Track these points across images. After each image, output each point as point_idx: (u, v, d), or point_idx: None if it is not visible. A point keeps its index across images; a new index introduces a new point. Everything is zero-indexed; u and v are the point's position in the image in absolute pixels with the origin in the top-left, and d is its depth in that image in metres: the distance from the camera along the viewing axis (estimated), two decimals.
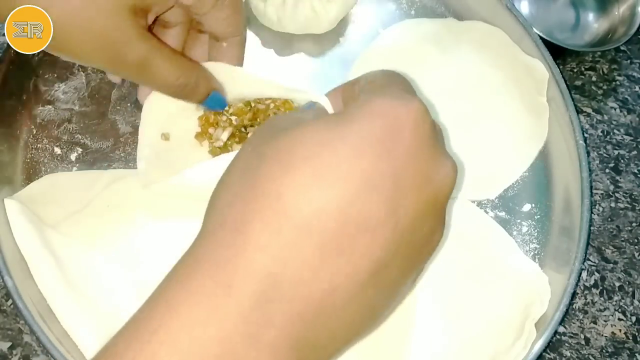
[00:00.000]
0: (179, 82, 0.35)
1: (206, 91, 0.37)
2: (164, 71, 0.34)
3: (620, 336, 0.44)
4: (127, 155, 0.42)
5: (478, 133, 0.45)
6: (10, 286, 0.35)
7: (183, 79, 0.35)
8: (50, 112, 0.43)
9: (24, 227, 0.38)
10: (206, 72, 0.37)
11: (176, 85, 0.35)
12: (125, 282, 0.38)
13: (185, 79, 0.35)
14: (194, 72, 0.36)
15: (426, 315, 0.40)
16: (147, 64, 0.33)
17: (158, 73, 0.34)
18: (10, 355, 0.39)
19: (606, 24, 0.52)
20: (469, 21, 0.48)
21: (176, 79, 0.35)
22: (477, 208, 0.44)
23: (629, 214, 0.48)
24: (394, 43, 0.47)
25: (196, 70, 0.36)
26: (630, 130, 0.51)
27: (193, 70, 0.36)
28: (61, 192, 0.40)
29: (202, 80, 0.36)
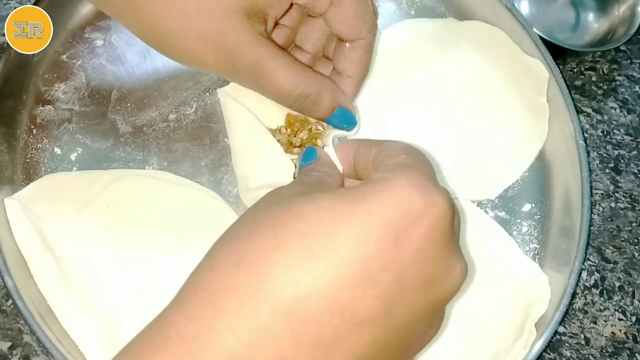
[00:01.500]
0: (298, 93, 0.32)
1: (330, 106, 0.34)
2: (280, 79, 0.31)
3: (620, 336, 0.44)
4: (127, 155, 0.42)
5: (478, 133, 0.45)
6: (10, 286, 0.35)
7: (302, 89, 0.32)
8: (50, 112, 0.43)
9: (24, 227, 0.38)
10: (332, 85, 0.34)
11: (295, 95, 0.32)
12: (125, 282, 0.38)
13: (305, 89, 0.32)
14: (316, 83, 0.33)
15: None
16: (261, 69, 0.31)
17: (273, 79, 0.31)
18: (10, 355, 0.39)
19: (606, 24, 0.52)
20: (469, 21, 0.48)
21: (295, 88, 0.32)
22: (477, 208, 0.44)
23: (629, 214, 0.48)
24: (394, 43, 0.47)
25: (319, 80, 0.33)
26: (630, 130, 0.51)
27: (316, 81, 0.33)
28: (61, 192, 0.40)
29: (325, 93, 0.33)
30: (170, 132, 0.43)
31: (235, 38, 0.30)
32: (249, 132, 0.36)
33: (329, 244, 0.21)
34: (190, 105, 0.44)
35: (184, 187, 0.41)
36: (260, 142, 0.36)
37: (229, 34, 0.30)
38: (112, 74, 0.44)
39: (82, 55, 0.44)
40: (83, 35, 0.44)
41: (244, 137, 0.37)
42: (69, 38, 0.44)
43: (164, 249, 0.39)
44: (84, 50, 0.44)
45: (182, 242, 0.39)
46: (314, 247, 0.21)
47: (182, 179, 0.42)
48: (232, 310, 0.20)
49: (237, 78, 0.33)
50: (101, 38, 0.44)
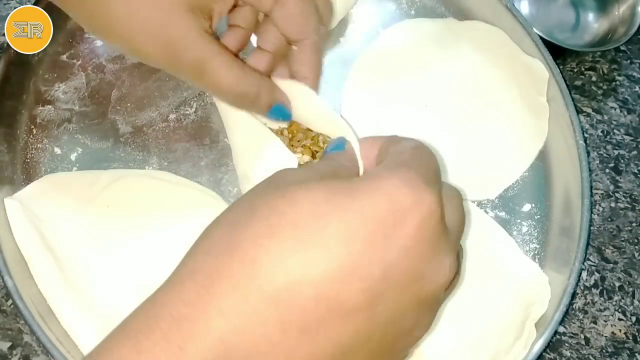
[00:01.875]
0: (239, 90, 0.33)
1: (268, 102, 0.34)
2: (222, 76, 0.32)
3: (620, 336, 0.44)
4: (127, 155, 0.42)
5: (478, 133, 0.45)
6: (10, 286, 0.35)
7: (243, 87, 0.33)
8: (50, 112, 0.43)
9: (24, 227, 0.38)
10: (269, 83, 0.35)
11: (235, 92, 0.33)
12: (125, 282, 0.38)
13: (245, 87, 0.33)
14: (255, 82, 0.33)
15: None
16: (204, 66, 0.31)
17: (215, 77, 0.32)
18: (10, 355, 0.39)
19: (606, 24, 0.52)
20: (469, 21, 0.48)
21: (235, 86, 0.32)
22: (477, 208, 0.44)
23: (629, 214, 0.48)
24: (394, 43, 0.47)
25: (258, 79, 0.34)
26: (630, 130, 0.51)
27: (255, 79, 0.34)
28: (61, 192, 0.40)
29: (264, 90, 0.34)
30: (170, 132, 0.43)
31: (179, 32, 0.31)
32: (247, 129, 0.36)
33: (319, 237, 0.21)
34: (190, 105, 0.44)
35: (184, 187, 0.41)
36: (260, 138, 0.36)
37: (173, 27, 0.31)
38: (112, 74, 0.44)
39: (82, 55, 0.44)
40: (83, 35, 0.44)
41: (242, 135, 0.37)
42: (69, 38, 0.44)
43: (163, 248, 0.39)
44: (84, 50, 0.44)
45: (181, 242, 0.39)
46: (305, 239, 0.21)
47: (182, 179, 0.42)
48: (225, 295, 0.21)
49: (179, 72, 0.33)
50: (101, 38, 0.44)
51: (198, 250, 0.23)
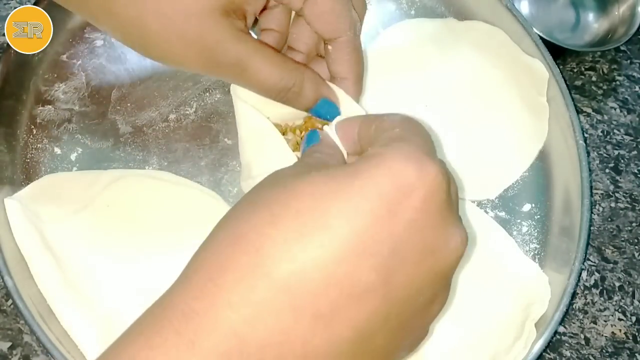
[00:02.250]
0: (281, 85, 0.32)
1: (313, 97, 0.33)
2: (263, 73, 0.32)
3: (620, 336, 0.44)
4: (127, 155, 0.42)
5: (478, 133, 0.45)
6: (10, 286, 0.35)
7: (285, 81, 0.32)
8: (50, 112, 0.43)
9: (24, 227, 0.38)
10: (314, 76, 0.34)
11: (278, 88, 0.32)
12: (125, 281, 0.38)
13: (287, 82, 0.32)
14: (298, 74, 0.33)
15: None
16: (243, 64, 0.31)
17: (257, 74, 0.32)
18: (10, 355, 0.39)
19: (606, 24, 0.52)
20: (469, 21, 0.48)
21: (278, 80, 0.32)
22: (477, 208, 0.44)
23: (629, 214, 0.48)
24: (394, 43, 0.47)
25: (301, 72, 0.33)
26: (630, 130, 0.51)
27: (296, 73, 0.33)
28: (61, 192, 0.40)
29: (308, 84, 0.33)
30: (170, 132, 0.43)
31: (216, 37, 0.30)
32: (253, 123, 0.36)
33: (322, 219, 0.21)
34: (190, 105, 0.44)
35: (184, 187, 0.41)
36: (262, 132, 0.36)
37: (209, 34, 0.30)
38: (112, 74, 0.44)
39: (82, 55, 0.44)
40: (83, 35, 0.44)
41: (248, 128, 0.37)
42: (69, 38, 0.44)
43: (164, 248, 0.39)
44: (84, 50, 0.44)
45: (182, 242, 0.39)
46: (308, 223, 0.21)
47: (182, 179, 0.42)
48: (232, 287, 0.21)
49: (220, 75, 0.33)
50: (101, 38, 0.44)
51: (203, 249, 0.23)
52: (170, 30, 0.30)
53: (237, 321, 0.20)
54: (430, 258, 0.23)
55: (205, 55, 0.31)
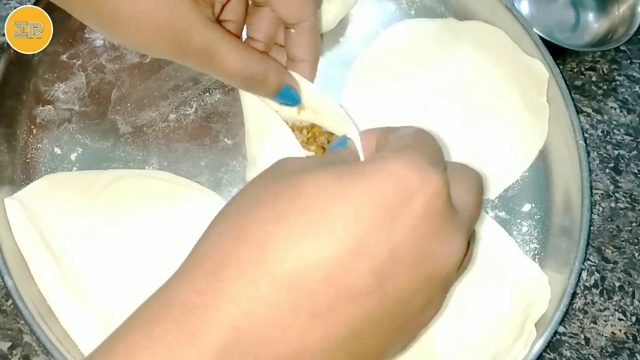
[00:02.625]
0: (246, 73, 0.33)
1: (276, 84, 0.35)
2: (229, 61, 0.32)
3: (620, 336, 0.44)
4: (127, 155, 0.42)
5: (478, 133, 0.45)
6: (10, 286, 0.35)
7: (249, 69, 0.33)
8: (50, 112, 0.43)
9: (24, 227, 0.38)
10: (277, 65, 0.35)
11: (242, 75, 0.33)
12: (125, 281, 0.38)
13: (252, 70, 0.33)
14: (262, 63, 0.34)
15: None
16: (210, 52, 0.32)
17: (223, 62, 0.32)
18: (10, 355, 0.39)
19: (606, 24, 0.52)
20: (469, 21, 0.48)
21: (242, 69, 0.33)
22: None
23: (629, 214, 0.48)
24: (394, 43, 0.47)
25: (265, 61, 0.34)
26: (630, 130, 0.51)
27: (261, 61, 0.34)
28: (61, 192, 0.40)
29: (271, 73, 0.34)
30: (170, 132, 0.43)
31: (185, 23, 0.31)
32: (261, 115, 0.37)
33: (326, 221, 0.22)
34: (190, 105, 0.44)
35: (184, 187, 0.41)
36: (269, 124, 0.36)
37: (179, 19, 0.31)
38: (112, 74, 0.44)
39: (82, 55, 0.44)
40: (83, 35, 0.44)
41: (255, 121, 0.37)
42: (69, 38, 0.44)
43: (164, 248, 0.39)
44: (84, 50, 0.44)
45: (182, 242, 0.39)
46: (311, 224, 0.21)
47: (182, 179, 0.42)
48: (234, 281, 0.21)
49: (187, 61, 0.34)
50: (101, 38, 0.44)
51: (206, 240, 0.24)
52: (143, 15, 0.31)
53: (238, 315, 0.21)
54: (427, 264, 0.23)
55: (175, 40, 0.32)
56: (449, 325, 0.40)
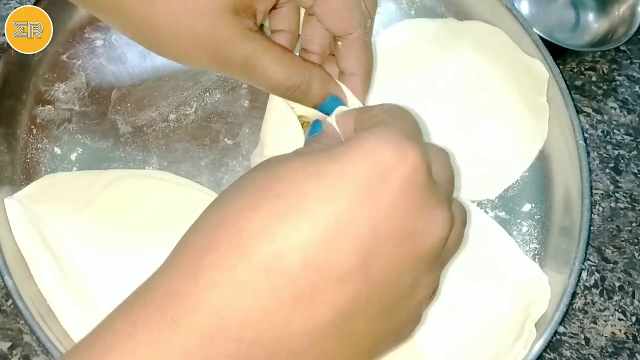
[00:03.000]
0: (289, 83, 0.33)
1: (321, 94, 0.34)
2: (271, 71, 0.32)
3: (620, 336, 0.44)
4: (127, 155, 0.42)
5: (478, 133, 0.45)
6: (10, 286, 0.35)
7: (293, 80, 0.33)
8: (50, 112, 0.43)
9: (24, 227, 0.38)
10: (322, 73, 0.34)
11: (286, 86, 0.33)
12: (125, 281, 0.38)
13: (296, 80, 0.33)
14: (306, 72, 0.33)
15: (426, 315, 0.40)
16: (252, 63, 0.32)
17: (265, 73, 0.32)
18: (10, 355, 0.39)
19: (606, 24, 0.52)
20: (469, 21, 0.48)
21: (286, 79, 0.32)
22: (477, 208, 0.44)
23: (629, 214, 0.48)
24: (394, 43, 0.47)
25: (309, 71, 0.33)
26: (630, 130, 0.51)
27: (305, 71, 0.33)
28: (61, 192, 0.40)
29: (316, 82, 0.34)
30: (170, 132, 0.43)
31: (225, 36, 0.31)
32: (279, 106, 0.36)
33: (301, 202, 0.21)
34: (190, 105, 0.44)
35: (184, 187, 0.41)
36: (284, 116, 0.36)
37: (219, 32, 0.31)
38: (112, 74, 0.44)
39: (82, 55, 0.44)
40: (83, 35, 0.44)
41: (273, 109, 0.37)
42: (69, 38, 0.44)
43: (164, 248, 0.39)
44: (84, 50, 0.44)
45: None
46: (288, 207, 0.21)
47: (182, 179, 0.42)
48: (214, 267, 0.21)
49: (230, 73, 0.33)
50: (101, 38, 0.44)
51: (188, 233, 0.24)
52: (181, 28, 0.30)
53: (219, 301, 0.21)
54: (411, 241, 0.23)
55: (215, 53, 0.31)
56: (449, 325, 0.40)
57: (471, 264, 0.41)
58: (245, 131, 0.44)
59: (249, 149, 0.43)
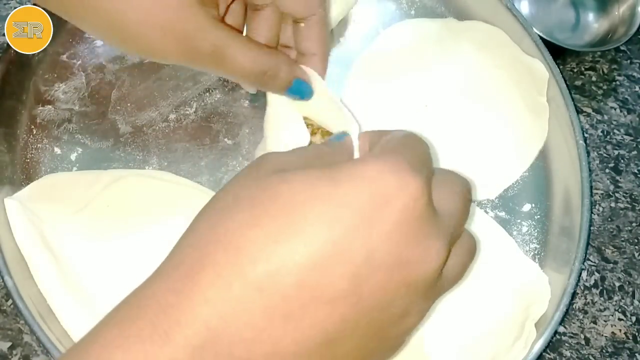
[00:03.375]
0: (257, 70, 0.33)
1: (288, 78, 0.35)
2: (239, 58, 0.32)
3: (620, 336, 0.44)
4: (127, 155, 0.42)
5: (478, 133, 0.45)
6: (10, 286, 0.35)
7: (260, 65, 0.33)
8: (50, 112, 0.43)
9: (24, 227, 0.38)
10: (287, 59, 0.35)
11: (255, 73, 0.33)
12: (125, 282, 0.38)
13: (263, 65, 0.33)
14: (272, 58, 0.34)
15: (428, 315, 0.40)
16: (221, 52, 0.32)
17: (233, 61, 0.32)
18: (10, 355, 0.39)
19: (606, 24, 0.52)
20: (469, 21, 0.48)
21: (253, 66, 0.33)
22: (477, 208, 0.44)
23: (629, 214, 0.48)
24: (394, 43, 0.47)
25: (275, 56, 0.34)
26: (630, 130, 0.51)
27: (271, 57, 0.34)
28: (61, 192, 0.40)
29: (282, 67, 0.34)
30: (170, 132, 0.43)
31: (194, 25, 0.31)
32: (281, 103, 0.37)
33: (300, 225, 0.22)
34: (190, 105, 0.44)
35: (184, 187, 0.41)
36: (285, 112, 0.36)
37: (188, 22, 0.31)
38: (112, 74, 0.44)
39: (82, 55, 0.44)
40: (83, 35, 0.44)
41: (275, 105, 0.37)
42: (69, 38, 0.44)
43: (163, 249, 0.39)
44: (84, 50, 0.44)
45: None
46: (286, 228, 0.22)
47: (182, 179, 0.42)
48: (209, 283, 0.21)
49: (198, 63, 0.33)
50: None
51: (183, 244, 0.24)
52: (150, 20, 0.30)
53: (211, 316, 0.21)
54: (404, 270, 0.23)
55: (184, 43, 0.31)
56: (448, 325, 0.40)
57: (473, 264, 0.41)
58: (245, 131, 0.44)
59: (249, 149, 0.43)
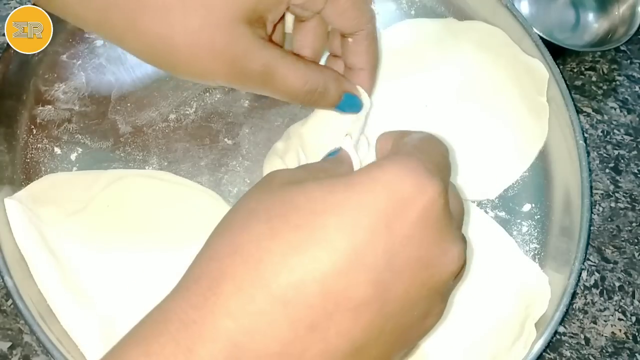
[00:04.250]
0: (307, 88, 0.33)
1: (337, 94, 0.34)
2: (289, 78, 0.32)
3: (620, 336, 0.44)
4: (127, 155, 0.42)
5: (478, 133, 0.45)
6: (10, 286, 0.35)
7: (310, 84, 0.33)
8: (50, 112, 0.43)
9: (24, 227, 0.38)
10: (335, 74, 0.35)
11: (304, 91, 0.33)
12: (125, 282, 0.38)
13: (313, 84, 0.33)
14: (321, 75, 0.34)
15: None
16: (270, 73, 0.32)
17: (283, 81, 0.32)
18: (10, 355, 0.39)
19: (606, 24, 0.52)
20: (469, 21, 0.48)
21: (303, 84, 0.33)
22: (477, 208, 0.44)
23: (629, 214, 0.48)
24: (394, 43, 0.47)
25: (324, 73, 0.34)
26: (630, 130, 0.51)
27: (320, 74, 0.34)
28: (61, 192, 0.40)
29: (331, 84, 0.34)
30: (170, 132, 0.43)
31: (243, 46, 0.31)
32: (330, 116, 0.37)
33: (320, 234, 0.21)
34: (190, 105, 0.44)
35: (184, 187, 0.41)
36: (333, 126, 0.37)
37: (236, 43, 0.30)
38: (112, 74, 0.44)
39: (82, 55, 0.44)
40: (83, 35, 0.44)
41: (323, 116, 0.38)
42: (69, 38, 0.44)
43: (163, 249, 0.39)
44: (84, 50, 0.44)
45: (182, 242, 0.39)
46: (307, 237, 0.21)
47: (182, 179, 0.42)
48: (231, 296, 0.21)
49: (247, 84, 0.33)
50: (101, 38, 0.44)
51: (202, 258, 0.23)
52: (198, 43, 0.30)
53: (235, 331, 0.21)
54: (425, 272, 0.23)
55: (234, 65, 0.31)
56: (448, 326, 0.40)
57: (471, 264, 0.41)
58: (245, 131, 0.44)
59: (249, 149, 0.43)
